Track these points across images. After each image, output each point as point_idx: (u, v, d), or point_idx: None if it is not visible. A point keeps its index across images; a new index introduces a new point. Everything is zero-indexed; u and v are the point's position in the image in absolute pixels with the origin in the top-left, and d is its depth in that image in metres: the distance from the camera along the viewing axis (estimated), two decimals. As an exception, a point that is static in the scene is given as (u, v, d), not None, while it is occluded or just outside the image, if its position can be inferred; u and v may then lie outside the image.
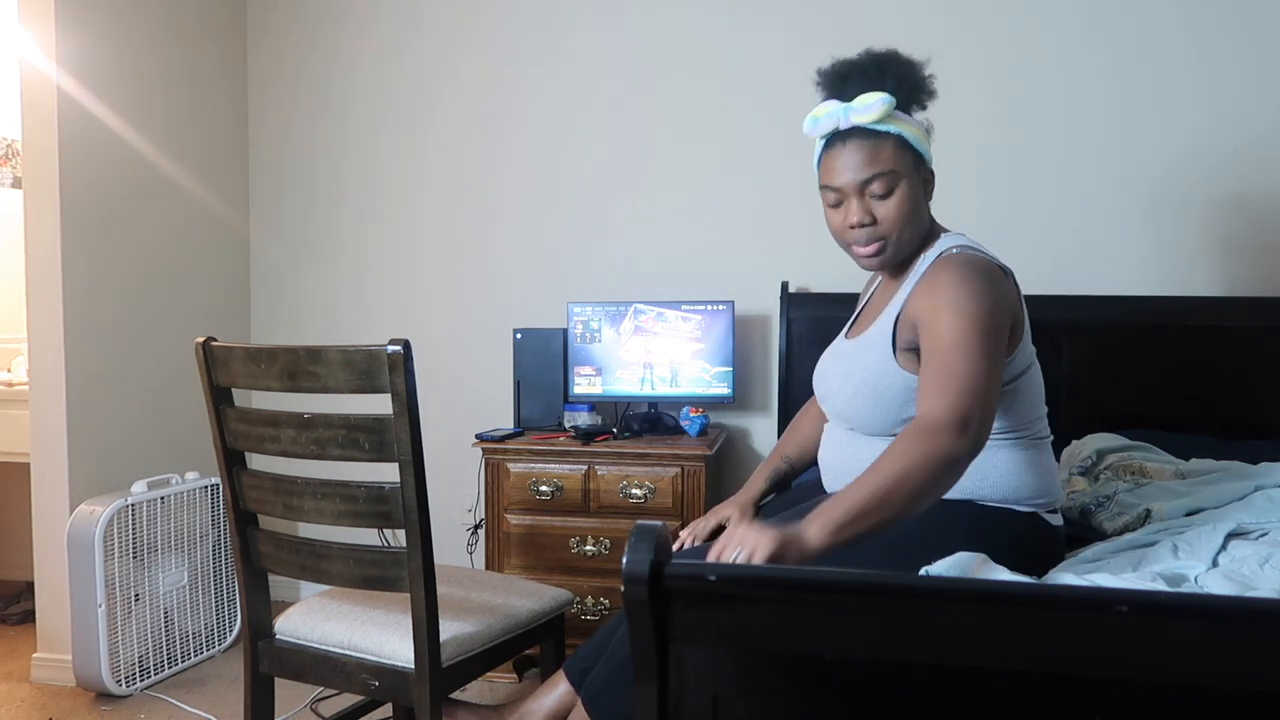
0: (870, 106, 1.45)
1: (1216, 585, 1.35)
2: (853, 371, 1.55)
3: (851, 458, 1.54)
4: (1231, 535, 1.56)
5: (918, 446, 1.24)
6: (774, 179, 2.86)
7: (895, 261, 1.54)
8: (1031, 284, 1.89)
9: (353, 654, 1.71)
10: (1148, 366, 2.53)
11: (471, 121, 3.07)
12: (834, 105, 1.48)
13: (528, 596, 1.89)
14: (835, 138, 1.50)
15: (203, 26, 3.05)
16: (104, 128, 2.67)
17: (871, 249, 1.50)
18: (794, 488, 1.86)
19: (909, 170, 1.48)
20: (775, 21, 2.84)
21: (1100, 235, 2.64)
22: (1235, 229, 2.61)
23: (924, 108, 1.55)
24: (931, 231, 1.56)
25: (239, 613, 2.61)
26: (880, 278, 1.69)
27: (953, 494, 1.47)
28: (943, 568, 1.24)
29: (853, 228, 1.49)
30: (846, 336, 1.68)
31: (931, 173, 1.55)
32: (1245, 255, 2.61)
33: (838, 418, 1.61)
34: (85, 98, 2.60)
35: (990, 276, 1.41)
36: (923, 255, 1.52)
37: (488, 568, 2.59)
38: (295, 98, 3.22)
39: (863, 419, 1.53)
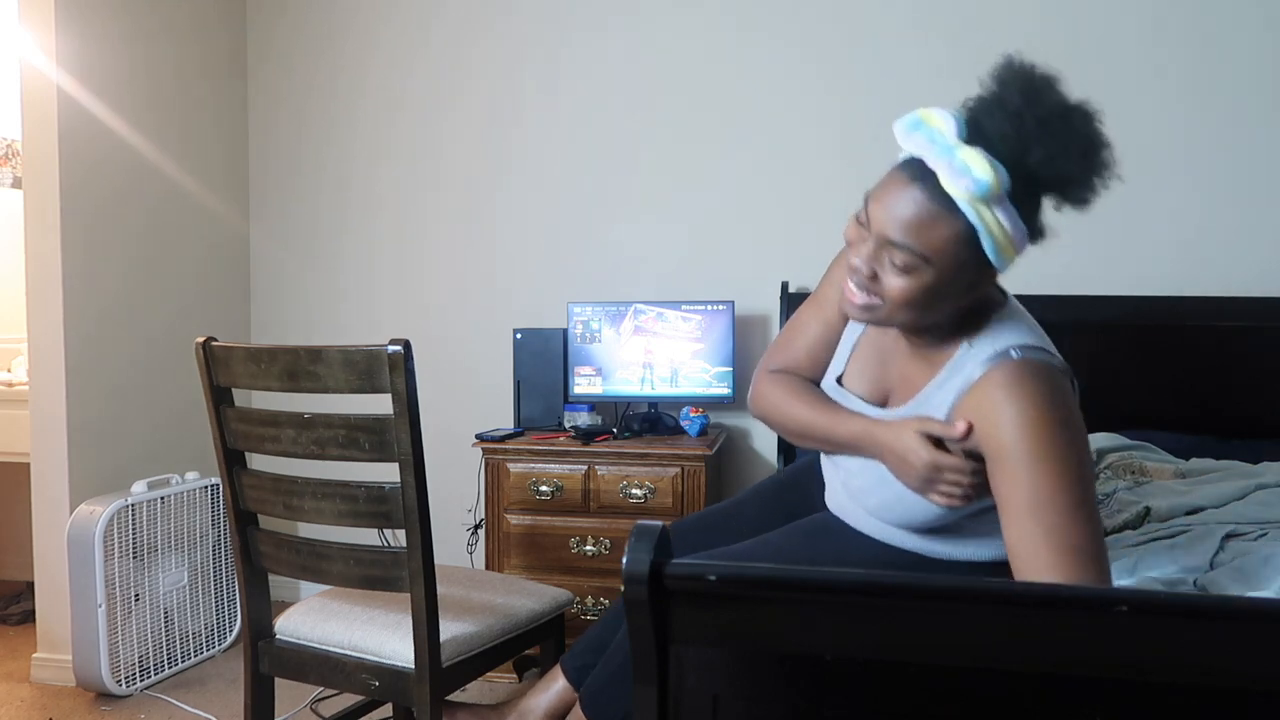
0: (962, 173, 1.07)
1: (1216, 586, 1.36)
2: (878, 465, 1.30)
3: (862, 522, 1.39)
4: (1230, 536, 1.56)
5: None
6: (774, 179, 2.86)
7: (891, 328, 1.27)
8: (1033, 284, 1.89)
9: (353, 654, 1.71)
10: (1148, 366, 2.53)
11: (472, 121, 3.07)
12: (945, 126, 1.11)
13: (528, 596, 1.89)
14: (907, 167, 1.15)
15: (202, 27, 3.05)
16: (104, 128, 2.67)
17: (861, 300, 1.19)
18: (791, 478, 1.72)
19: (949, 267, 1.13)
20: (777, 23, 2.84)
21: (1101, 235, 2.64)
22: (1235, 228, 2.61)
23: (1057, 208, 1.17)
24: (978, 310, 1.24)
25: (239, 613, 2.61)
26: None
27: (950, 555, 1.33)
28: None
29: (852, 268, 1.19)
30: (862, 397, 1.37)
31: (989, 276, 1.19)
32: (1245, 255, 2.61)
33: (851, 496, 1.40)
34: (85, 98, 2.60)
35: (1070, 401, 1.16)
36: (966, 342, 1.22)
37: (488, 568, 2.59)
38: (295, 98, 3.21)
39: (888, 511, 1.32)
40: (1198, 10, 2.60)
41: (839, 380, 1.40)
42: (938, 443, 1.20)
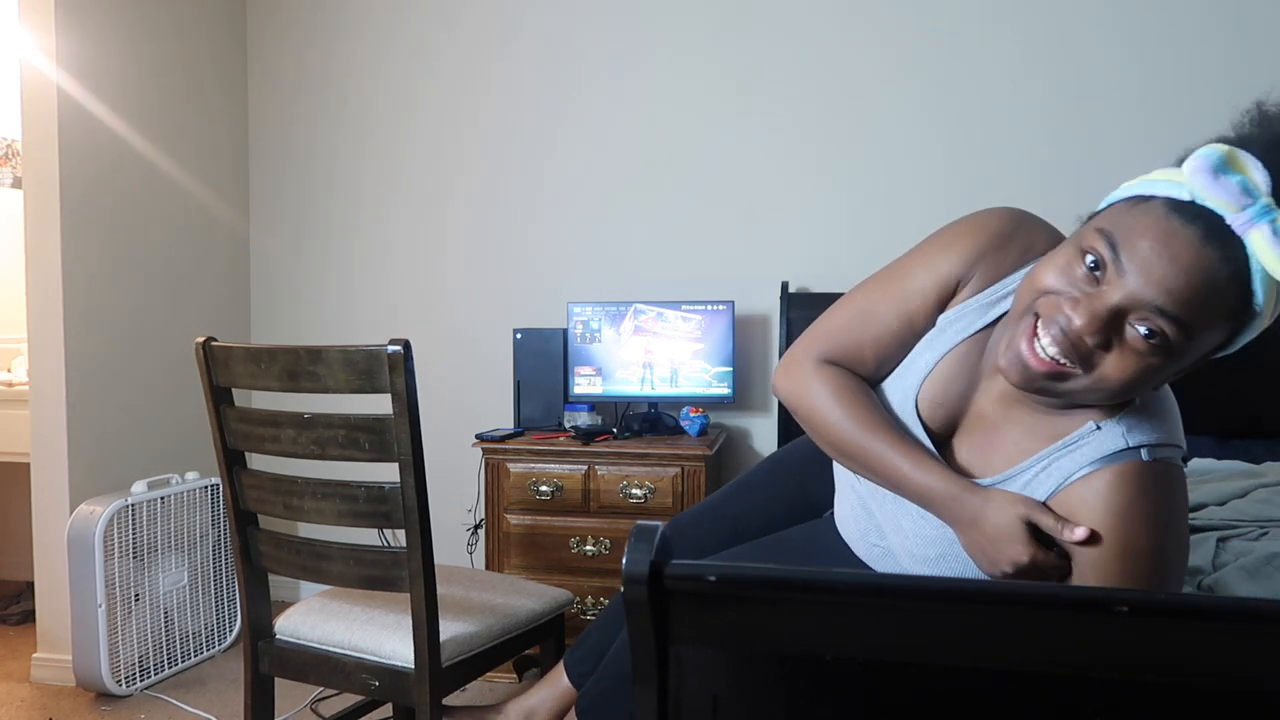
0: None
1: (1223, 586, 1.35)
2: (942, 536, 1.11)
3: (878, 563, 1.25)
4: (1227, 537, 1.56)
5: None
6: (775, 179, 2.86)
7: (1049, 401, 1.04)
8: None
9: (353, 654, 1.71)
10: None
11: (472, 123, 3.07)
12: (1261, 179, 0.88)
13: (528, 596, 1.89)
14: (1195, 219, 0.89)
15: (203, 26, 3.05)
16: (104, 128, 2.67)
17: (1049, 365, 0.96)
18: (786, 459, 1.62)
19: (1194, 352, 0.95)
20: (777, 27, 2.84)
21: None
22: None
23: None
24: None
25: (239, 613, 2.61)
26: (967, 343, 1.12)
27: None
28: None
29: (1073, 319, 0.93)
30: (924, 422, 1.14)
31: (1201, 369, 1.03)
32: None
33: (882, 537, 1.21)
34: (85, 98, 2.60)
35: (1184, 515, 1.04)
36: (1094, 421, 1.03)
37: (488, 568, 2.59)
38: (295, 98, 3.21)
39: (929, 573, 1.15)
40: (1175, 10, 2.61)
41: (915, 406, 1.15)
42: (1037, 534, 1.02)
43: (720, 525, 1.53)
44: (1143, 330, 0.90)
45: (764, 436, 2.89)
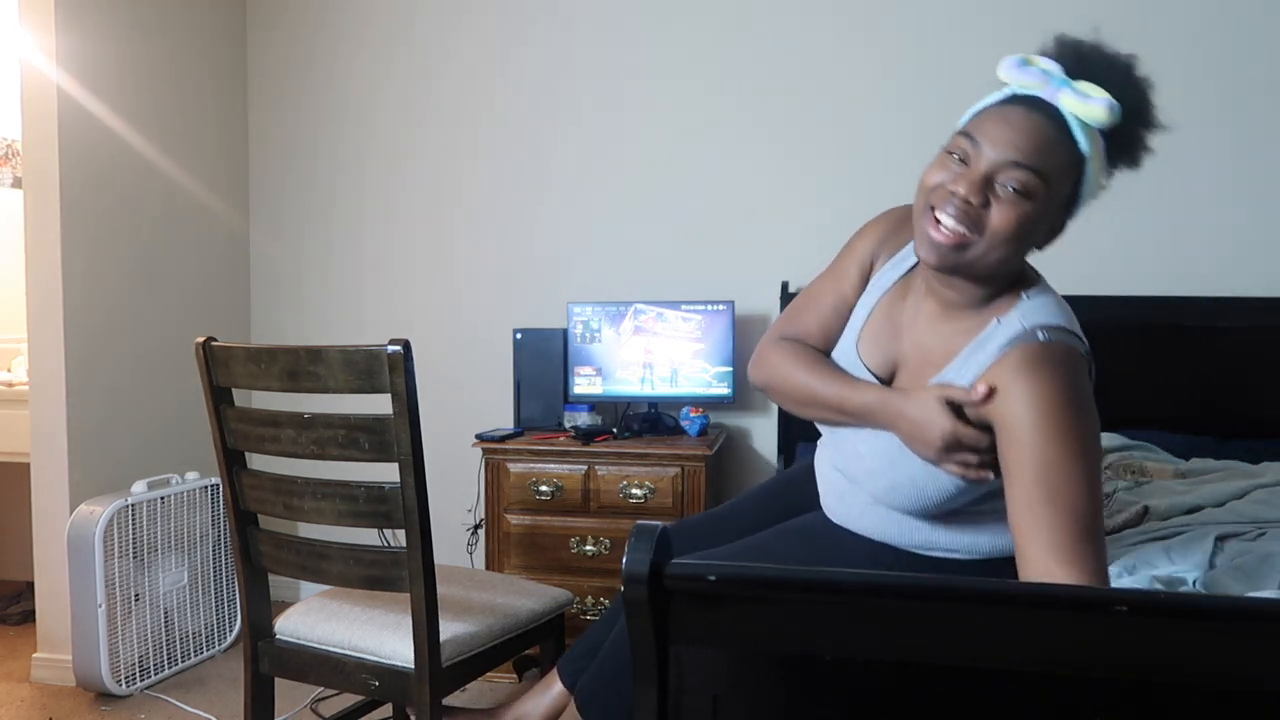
0: (1093, 100, 1.16)
1: (1218, 585, 1.35)
2: (890, 445, 1.29)
3: (859, 517, 1.39)
4: (1226, 536, 1.56)
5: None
6: (774, 178, 2.86)
7: (962, 280, 1.24)
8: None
9: (353, 654, 1.71)
10: (1148, 366, 2.53)
11: (472, 123, 3.07)
12: (1054, 66, 1.21)
13: (528, 596, 1.89)
14: (1019, 102, 1.20)
15: (203, 26, 3.05)
16: (104, 128, 2.67)
17: (953, 236, 1.17)
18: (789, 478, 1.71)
19: (1055, 196, 1.18)
20: (775, 24, 2.84)
21: (1101, 235, 2.64)
22: (1235, 228, 2.61)
23: (1126, 163, 1.23)
24: (1019, 278, 1.26)
25: (239, 613, 2.61)
26: (904, 282, 1.37)
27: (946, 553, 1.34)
28: None
29: (960, 198, 1.17)
30: (870, 369, 1.35)
31: (1064, 225, 1.24)
32: (1246, 255, 2.61)
33: (854, 481, 1.38)
34: (85, 98, 2.60)
35: (1086, 387, 1.18)
36: (996, 319, 1.23)
37: (488, 568, 2.59)
38: (295, 97, 3.21)
39: (896, 494, 1.30)
40: (1196, 12, 2.61)
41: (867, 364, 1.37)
42: (958, 411, 1.20)
43: (722, 531, 1.54)
44: (1010, 186, 1.16)
45: (764, 436, 2.89)
